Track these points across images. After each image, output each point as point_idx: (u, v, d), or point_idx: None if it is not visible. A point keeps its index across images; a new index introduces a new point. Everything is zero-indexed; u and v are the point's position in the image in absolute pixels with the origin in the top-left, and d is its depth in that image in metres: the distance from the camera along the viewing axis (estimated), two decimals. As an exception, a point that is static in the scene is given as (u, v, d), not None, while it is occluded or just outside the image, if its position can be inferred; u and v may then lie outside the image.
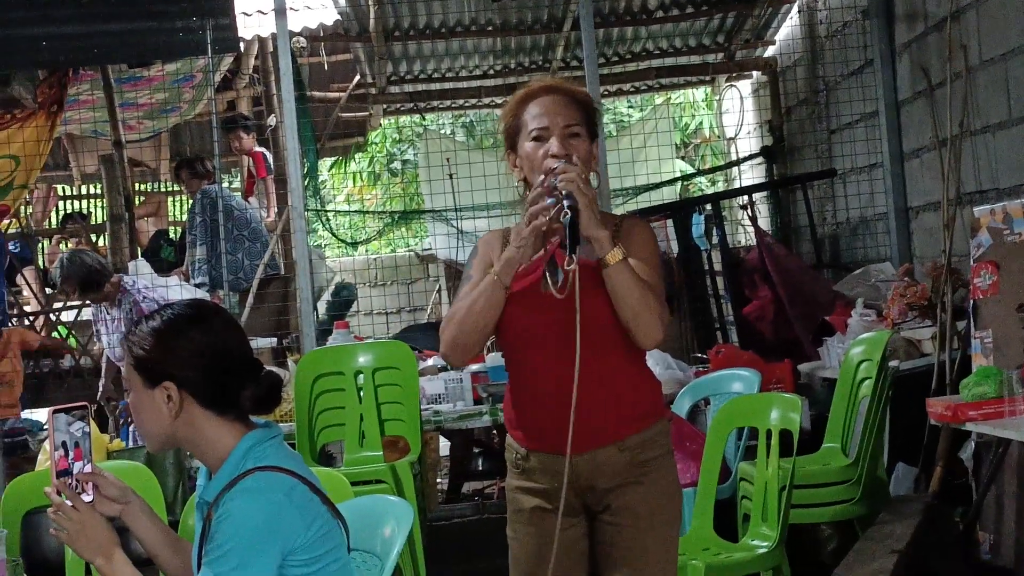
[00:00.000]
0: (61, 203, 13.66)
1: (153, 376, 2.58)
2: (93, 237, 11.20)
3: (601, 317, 2.96)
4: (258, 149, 9.90)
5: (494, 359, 6.00)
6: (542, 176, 2.95)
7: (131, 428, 6.05)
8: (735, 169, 11.68)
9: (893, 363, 5.60)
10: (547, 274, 2.98)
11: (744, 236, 9.89)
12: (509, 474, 3.13)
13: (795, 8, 9.87)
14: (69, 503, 2.57)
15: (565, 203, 2.87)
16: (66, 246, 11.38)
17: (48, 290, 10.02)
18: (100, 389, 7.53)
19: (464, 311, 2.97)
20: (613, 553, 3.05)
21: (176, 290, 7.59)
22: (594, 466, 3.02)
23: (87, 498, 2.60)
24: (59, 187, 13.46)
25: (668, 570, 3.11)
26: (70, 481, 2.59)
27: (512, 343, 3.06)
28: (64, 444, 2.57)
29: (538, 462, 3.03)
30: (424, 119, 13.34)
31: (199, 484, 2.69)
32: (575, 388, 2.85)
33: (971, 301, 4.95)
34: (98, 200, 13.41)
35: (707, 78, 11.93)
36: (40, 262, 11.30)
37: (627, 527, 3.03)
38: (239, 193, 10.38)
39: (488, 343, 7.01)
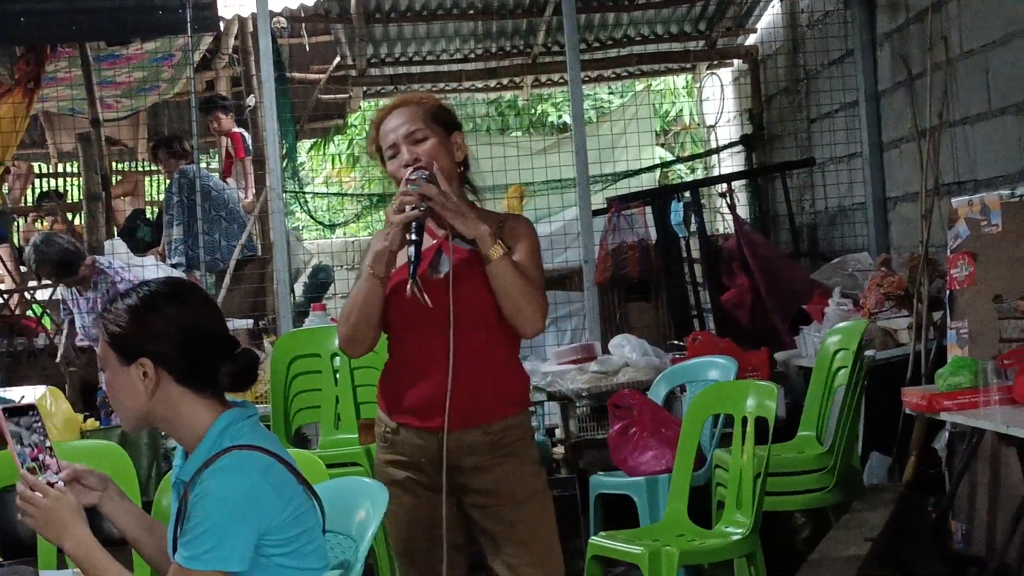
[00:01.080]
0: (37, 181, 13.56)
1: (129, 353, 2.56)
2: (69, 216, 11.12)
3: (482, 307, 3.17)
4: (236, 130, 9.85)
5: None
6: (404, 181, 3.16)
7: (112, 418, 6.03)
8: (714, 157, 11.69)
9: (869, 352, 5.62)
10: (429, 267, 3.18)
11: (723, 224, 9.90)
12: (379, 449, 3.30)
13: (776, -3, 9.88)
14: (39, 494, 2.55)
15: (412, 233, 3.10)
16: (42, 225, 11.32)
17: (23, 268, 9.96)
18: (59, 352, 7.54)
19: (349, 306, 3.20)
20: (494, 532, 3.20)
21: (152, 270, 7.54)
22: (460, 446, 3.18)
23: (60, 484, 2.58)
24: (35, 165, 13.37)
25: (551, 541, 3.26)
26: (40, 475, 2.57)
27: (394, 325, 3.23)
28: (21, 439, 2.55)
29: (406, 436, 3.20)
30: (404, 102, 13.28)
31: (175, 464, 2.67)
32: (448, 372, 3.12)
33: (948, 292, 4.97)
34: (74, 179, 13.32)
35: (688, 65, 11.93)
36: (15, 240, 11.22)
37: (500, 505, 3.21)
38: (217, 174, 10.32)
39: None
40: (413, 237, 3.09)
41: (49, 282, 8.83)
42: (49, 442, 2.59)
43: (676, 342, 7.27)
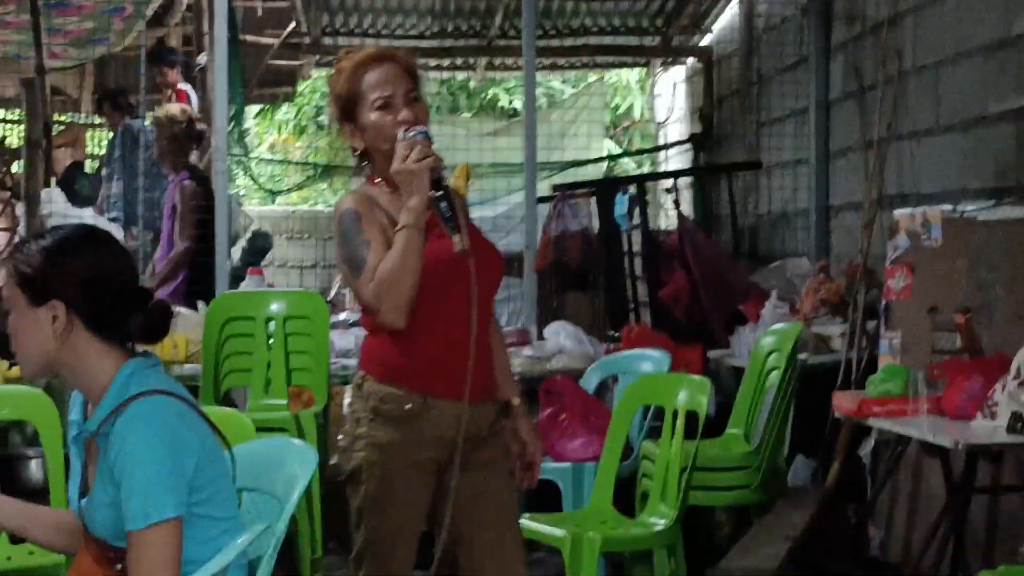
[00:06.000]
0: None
1: (40, 294, 2.48)
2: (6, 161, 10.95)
3: (494, 275, 3.18)
4: (182, 87, 9.71)
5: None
6: (400, 138, 2.99)
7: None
8: (662, 154, 11.75)
9: (801, 356, 5.66)
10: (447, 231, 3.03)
11: (665, 220, 9.95)
12: (382, 429, 3.03)
13: (736, -1, 9.93)
14: None
15: (436, 191, 2.97)
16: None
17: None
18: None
19: (398, 271, 2.93)
20: (483, 502, 3.11)
21: (90, 223, 7.41)
22: (483, 416, 3.10)
23: None
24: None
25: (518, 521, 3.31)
26: None
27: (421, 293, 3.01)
28: None
29: (437, 412, 3.03)
30: (356, 74, 13.24)
31: (72, 419, 2.60)
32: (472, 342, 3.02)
33: (884, 302, 5.03)
34: (13, 126, 13.11)
35: (642, 60, 11.97)
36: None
37: (496, 475, 3.14)
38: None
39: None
40: (439, 193, 2.97)
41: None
42: None
43: (611, 333, 7.28)
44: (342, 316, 6.24)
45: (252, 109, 15.59)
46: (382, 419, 3.04)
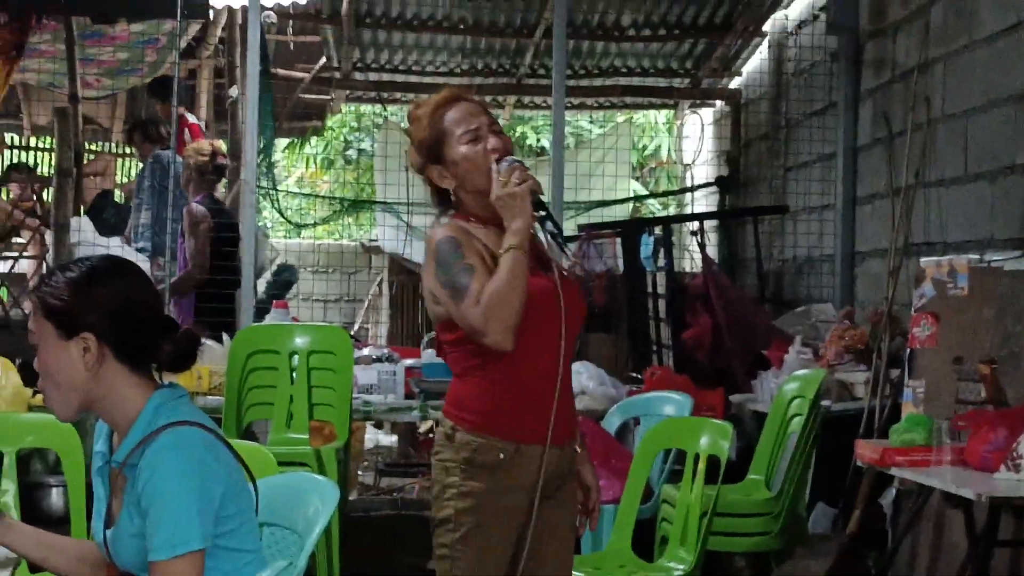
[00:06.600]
0: (7, 152, 13.44)
1: (70, 327, 2.47)
2: (37, 187, 11.01)
3: (582, 309, 3.14)
4: (194, 120, 9.74)
5: (430, 356, 5.97)
6: (495, 169, 3.00)
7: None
8: (688, 196, 11.75)
9: (824, 403, 5.64)
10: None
11: (690, 262, 9.94)
12: (474, 479, 3.00)
13: (765, 43, 9.94)
14: None
15: (540, 212, 3.00)
16: (6, 194, 11.21)
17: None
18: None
19: (505, 291, 2.88)
20: (550, 540, 3.11)
21: (117, 252, 7.46)
22: (566, 457, 3.10)
23: None
24: (7, 137, 13.27)
25: None
26: None
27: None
28: None
29: (529, 456, 3.00)
30: (385, 109, 13.29)
31: (97, 450, 2.60)
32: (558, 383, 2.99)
33: (908, 350, 5.01)
34: (44, 154, 13.22)
35: (671, 102, 11.99)
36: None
37: (569, 515, 3.16)
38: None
39: (425, 339, 6.98)
40: (543, 214, 3.00)
41: (9, 253, 8.76)
42: None
43: (634, 374, 7.27)
44: (365, 351, 6.24)
45: (281, 142, 15.70)
46: (474, 469, 3.00)
